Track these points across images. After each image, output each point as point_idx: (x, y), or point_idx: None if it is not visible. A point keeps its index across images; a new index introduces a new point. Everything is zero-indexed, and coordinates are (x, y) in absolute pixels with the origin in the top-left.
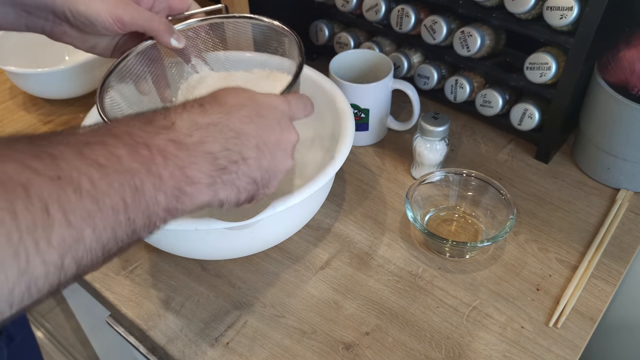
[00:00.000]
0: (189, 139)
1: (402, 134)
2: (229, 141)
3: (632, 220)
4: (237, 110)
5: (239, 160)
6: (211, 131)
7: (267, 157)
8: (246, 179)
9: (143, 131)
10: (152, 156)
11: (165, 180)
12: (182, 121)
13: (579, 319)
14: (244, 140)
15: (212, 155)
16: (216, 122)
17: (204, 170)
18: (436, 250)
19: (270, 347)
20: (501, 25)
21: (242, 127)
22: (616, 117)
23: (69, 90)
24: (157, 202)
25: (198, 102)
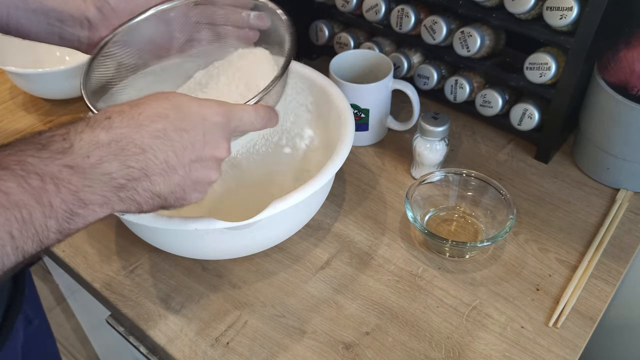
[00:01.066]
0: (86, 161)
1: (402, 134)
2: (130, 158)
3: (632, 220)
4: (150, 123)
5: (140, 177)
6: (112, 149)
7: (179, 173)
8: (147, 194)
9: (37, 158)
10: (44, 185)
11: (56, 206)
12: (81, 142)
13: (578, 319)
14: (149, 156)
15: (108, 175)
16: (119, 138)
17: (98, 192)
18: (436, 250)
19: (270, 347)
20: (501, 25)
21: (151, 142)
22: (616, 117)
23: (69, 90)
24: (48, 228)
25: (106, 115)
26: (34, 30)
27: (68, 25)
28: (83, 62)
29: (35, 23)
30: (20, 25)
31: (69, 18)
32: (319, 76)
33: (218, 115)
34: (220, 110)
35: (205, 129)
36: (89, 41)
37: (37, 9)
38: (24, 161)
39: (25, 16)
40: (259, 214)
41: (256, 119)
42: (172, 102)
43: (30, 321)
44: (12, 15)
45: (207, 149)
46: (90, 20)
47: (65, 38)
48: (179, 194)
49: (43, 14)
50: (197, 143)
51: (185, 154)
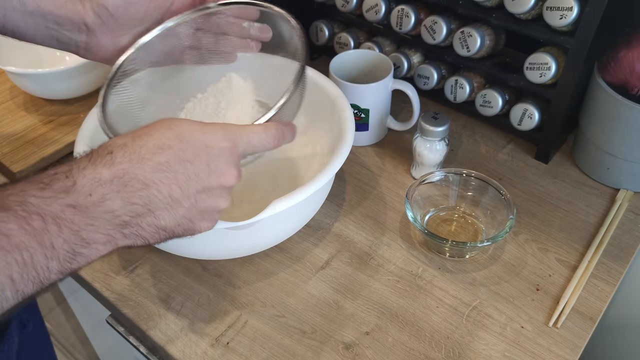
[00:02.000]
0: (89, 199)
1: (402, 134)
2: (133, 195)
3: (632, 220)
4: (152, 156)
5: (144, 212)
6: (115, 186)
7: (184, 205)
8: (152, 228)
9: (38, 198)
10: (46, 226)
11: (58, 247)
12: (84, 179)
13: (578, 319)
14: (153, 192)
15: (112, 213)
16: (122, 175)
17: (101, 230)
18: (436, 250)
19: (270, 347)
20: (501, 25)
21: (154, 176)
22: (616, 117)
23: (69, 90)
24: (49, 269)
25: (108, 150)
26: (31, 32)
27: (66, 29)
28: (83, 61)
29: (32, 26)
30: (17, 27)
31: (67, 22)
32: (319, 76)
33: (223, 142)
34: (225, 135)
35: (210, 157)
36: (86, 46)
37: (34, 11)
38: (25, 201)
39: (23, 18)
40: (259, 214)
41: (267, 139)
42: (175, 132)
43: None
44: (10, 17)
45: (212, 178)
46: (88, 26)
47: (63, 41)
48: (185, 225)
49: (41, 17)
50: (201, 173)
51: (189, 186)
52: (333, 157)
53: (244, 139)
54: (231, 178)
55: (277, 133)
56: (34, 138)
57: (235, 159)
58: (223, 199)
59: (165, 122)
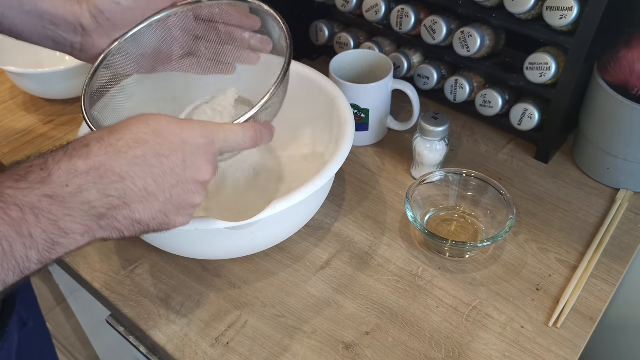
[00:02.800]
0: (65, 190)
1: (402, 134)
2: (109, 187)
3: (632, 220)
4: (128, 150)
5: (120, 205)
6: (91, 177)
7: (159, 199)
8: (128, 221)
9: (15, 190)
10: (24, 216)
11: (37, 237)
12: (60, 170)
13: (578, 319)
14: (128, 184)
15: (88, 204)
16: (98, 166)
17: (79, 221)
18: (436, 250)
19: (270, 347)
20: (501, 25)
21: (130, 169)
22: (616, 117)
23: (69, 90)
24: (29, 259)
25: (84, 143)
26: (27, 31)
27: (62, 30)
28: (83, 62)
29: (28, 25)
30: (14, 26)
31: (63, 22)
32: (319, 76)
33: (199, 138)
34: (202, 132)
35: (186, 152)
36: (82, 47)
37: (31, 10)
38: (2, 193)
39: (20, 17)
40: (259, 214)
41: (244, 138)
42: (152, 127)
43: (24, 323)
44: (7, 16)
45: (188, 172)
46: (85, 27)
47: (58, 42)
48: (160, 219)
49: (37, 17)
50: (177, 168)
51: (165, 180)
52: (333, 157)
53: (221, 136)
54: (206, 174)
55: (254, 134)
56: (34, 138)
57: (211, 156)
58: (197, 194)
59: (142, 117)
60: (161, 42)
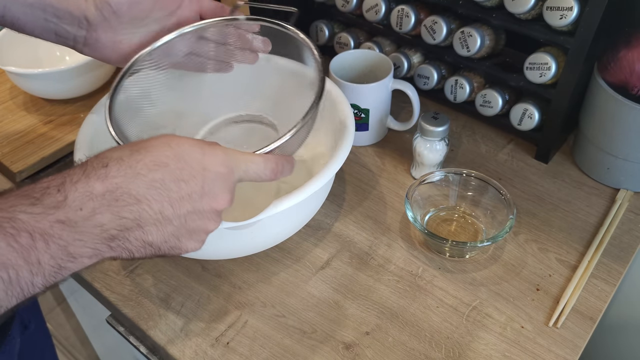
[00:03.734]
0: (79, 214)
1: (402, 134)
2: (124, 209)
3: (632, 220)
4: (148, 172)
5: (133, 227)
6: (106, 199)
7: (173, 223)
8: (139, 242)
9: (28, 215)
10: (34, 243)
11: (44, 264)
12: (76, 193)
13: (578, 319)
14: (144, 207)
15: (101, 227)
16: (114, 189)
17: (89, 245)
18: (436, 250)
19: (270, 347)
20: (501, 25)
21: (147, 192)
22: (616, 117)
23: (69, 90)
24: (34, 284)
25: (103, 162)
26: (30, 24)
27: (65, 23)
28: (83, 61)
29: (31, 18)
30: (17, 19)
31: (67, 15)
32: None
33: (220, 166)
34: (224, 160)
35: (205, 180)
36: (86, 41)
37: (34, 3)
38: (14, 218)
39: (22, 10)
40: (259, 214)
41: (264, 171)
42: (174, 150)
43: (26, 326)
44: (9, 8)
45: (205, 200)
46: (89, 21)
47: (61, 35)
48: (172, 243)
49: (40, 9)
50: (194, 194)
51: (181, 205)
52: (333, 157)
53: (241, 166)
54: (223, 203)
55: (276, 167)
56: (34, 138)
57: (230, 185)
58: (213, 222)
59: (164, 139)
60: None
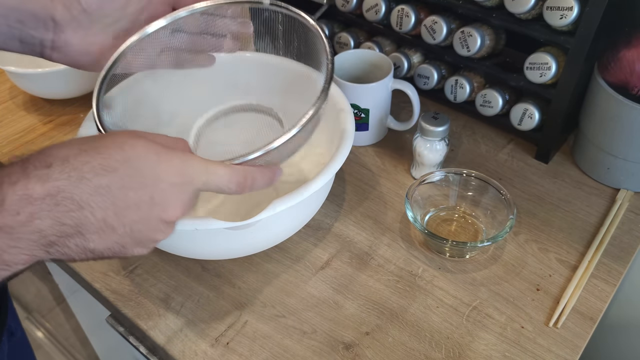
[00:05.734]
0: (16, 219)
1: (402, 134)
2: (65, 215)
3: (632, 220)
4: (93, 177)
5: (73, 233)
6: (46, 204)
7: (118, 232)
8: (79, 249)
9: None
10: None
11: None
12: (14, 196)
13: (579, 319)
14: (86, 214)
15: (39, 233)
16: (55, 193)
17: (25, 252)
18: (436, 250)
19: (270, 347)
20: (501, 25)
21: (91, 198)
22: (616, 117)
23: (69, 90)
24: None
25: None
26: None
27: (30, 27)
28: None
29: None
30: None
31: (31, 18)
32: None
33: (175, 176)
34: (180, 170)
35: (156, 189)
36: (54, 45)
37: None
38: None
39: None
40: (259, 214)
41: (228, 184)
42: (126, 154)
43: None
44: None
45: (154, 210)
46: (57, 21)
47: (26, 42)
48: (116, 249)
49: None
50: (143, 204)
51: (127, 214)
52: (333, 157)
53: (202, 177)
54: (175, 214)
55: (244, 180)
56: (34, 138)
57: (185, 196)
58: (161, 232)
59: (118, 139)
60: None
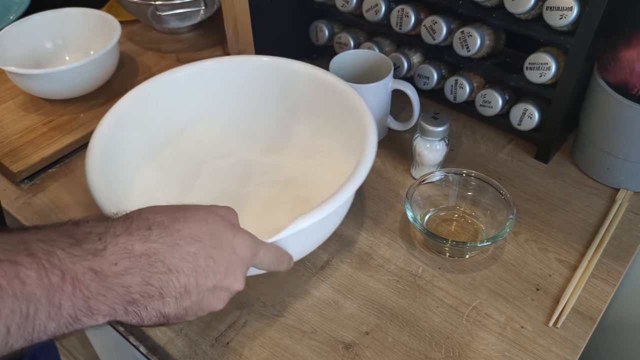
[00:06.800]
0: (113, 268)
1: (402, 134)
2: (154, 276)
3: (632, 220)
4: (185, 244)
5: (155, 295)
6: (141, 263)
7: (192, 298)
8: (155, 312)
9: (67, 253)
10: (62, 284)
11: (64, 310)
12: (115, 247)
13: (578, 319)
14: (172, 278)
15: (127, 288)
16: (152, 253)
17: (109, 303)
18: (436, 250)
19: (270, 347)
20: (501, 25)
21: (179, 264)
22: (616, 117)
23: (69, 90)
24: (45, 330)
25: (147, 224)
26: None
27: None
28: (83, 61)
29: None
30: None
31: None
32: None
33: (247, 250)
34: (251, 245)
35: (231, 261)
36: None
37: None
38: (52, 252)
39: None
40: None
41: (273, 261)
42: (210, 226)
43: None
44: None
45: (226, 281)
46: None
47: None
48: (181, 314)
49: None
50: (219, 274)
51: (205, 282)
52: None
53: (261, 253)
54: (239, 286)
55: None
56: (34, 138)
57: (247, 269)
58: (222, 302)
59: (201, 212)
60: None
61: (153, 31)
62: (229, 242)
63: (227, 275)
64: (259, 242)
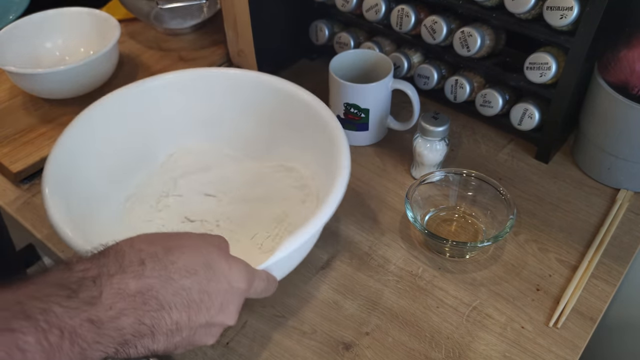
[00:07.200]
0: (107, 314)
1: (402, 134)
2: (147, 314)
3: (632, 220)
4: (180, 278)
5: (147, 334)
6: (135, 302)
7: (183, 335)
8: (143, 350)
9: (63, 308)
10: (61, 342)
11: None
12: (110, 289)
13: (579, 319)
14: (164, 315)
15: (120, 330)
16: (146, 290)
17: (103, 348)
18: (436, 250)
19: (270, 347)
20: (501, 25)
21: (172, 299)
22: (616, 117)
23: (69, 90)
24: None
25: (140, 258)
26: None
27: None
28: (83, 61)
29: None
30: None
31: None
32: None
33: (242, 282)
34: (246, 276)
35: (226, 295)
36: None
37: None
38: (49, 310)
39: None
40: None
41: (264, 288)
42: (205, 258)
43: None
44: None
45: (219, 316)
46: None
47: None
48: (170, 349)
49: None
50: (212, 308)
51: (197, 318)
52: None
53: (255, 284)
54: (232, 320)
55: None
56: (34, 138)
57: (242, 301)
58: (214, 337)
59: (196, 242)
60: None
61: (153, 30)
62: (224, 274)
63: (221, 310)
64: (253, 271)
